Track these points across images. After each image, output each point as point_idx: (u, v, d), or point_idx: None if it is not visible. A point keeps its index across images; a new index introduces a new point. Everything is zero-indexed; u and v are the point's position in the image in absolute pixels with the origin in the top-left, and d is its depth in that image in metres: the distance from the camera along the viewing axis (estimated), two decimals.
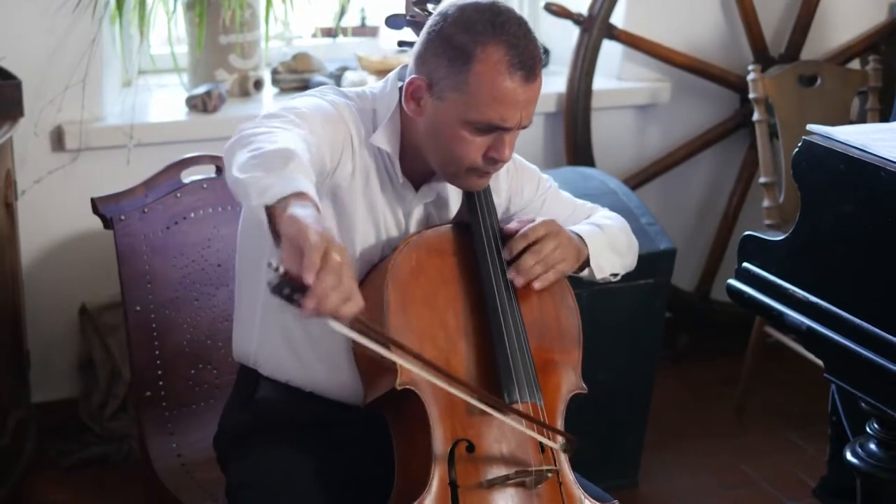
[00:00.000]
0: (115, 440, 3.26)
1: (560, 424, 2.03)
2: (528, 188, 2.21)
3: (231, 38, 3.36)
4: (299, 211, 1.62)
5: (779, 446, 3.51)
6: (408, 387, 1.90)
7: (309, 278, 1.57)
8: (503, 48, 1.89)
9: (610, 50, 3.68)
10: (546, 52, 3.85)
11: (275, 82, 3.53)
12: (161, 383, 2.40)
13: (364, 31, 3.79)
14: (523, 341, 2.00)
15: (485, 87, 1.89)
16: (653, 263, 3.08)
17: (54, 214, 3.22)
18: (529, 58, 1.91)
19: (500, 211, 2.17)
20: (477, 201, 2.07)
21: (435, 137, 1.97)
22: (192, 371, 2.43)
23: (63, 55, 3.13)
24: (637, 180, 3.74)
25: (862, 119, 3.81)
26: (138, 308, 2.37)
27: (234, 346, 2.16)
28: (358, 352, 1.98)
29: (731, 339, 3.85)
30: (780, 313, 2.22)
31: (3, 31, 3.07)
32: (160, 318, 2.39)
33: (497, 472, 1.92)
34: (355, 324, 1.67)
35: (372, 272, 2.01)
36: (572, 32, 3.64)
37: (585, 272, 2.15)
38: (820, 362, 2.23)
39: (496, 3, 1.95)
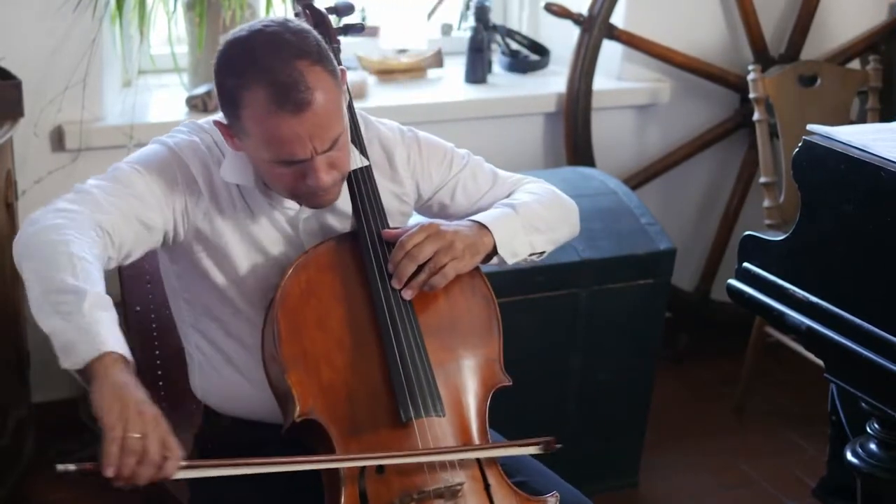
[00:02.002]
0: None
1: (477, 426, 1.97)
2: (436, 171, 2.14)
3: None
4: (100, 386, 1.64)
5: (779, 446, 3.51)
6: (307, 417, 1.87)
7: (109, 471, 1.63)
8: (263, 87, 1.80)
9: (610, 50, 3.68)
10: (546, 52, 3.86)
11: None
12: (161, 383, 2.40)
13: (364, 31, 3.77)
14: (417, 354, 1.94)
15: (260, 131, 1.83)
16: (653, 263, 3.08)
17: None
18: (294, 89, 1.79)
19: (411, 199, 2.13)
20: (361, 208, 2.01)
21: (258, 172, 1.94)
22: None
23: (63, 55, 3.12)
24: (637, 180, 3.74)
25: (862, 119, 3.81)
26: (138, 308, 2.37)
27: (190, 383, 2.18)
28: (269, 380, 1.97)
29: (731, 339, 3.85)
30: (780, 313, 2.22)
31: (3, 31, 3.07)
32: (160, 318, 2.39)
33: (408, 490, 1.87)
34: (189, 468, 1.72)
35: (269, 304, 1.96)
36: (572, 32, 3.64)
37: (495, 259, 2.06)
38: (820, 362, 2.23)
39: (258, 31, 1.86)
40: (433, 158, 2.14)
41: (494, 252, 2.04)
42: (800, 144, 2.20)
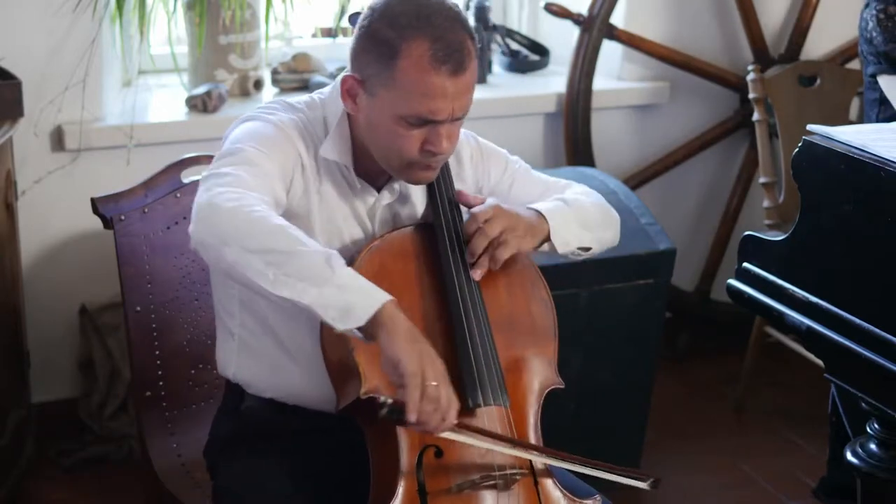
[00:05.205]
0: (115, 440, 3.26)
1: (533, 422, 2.01)
2: (494, 171, 2.19)
3: (231, 38, 3.36)
4: (394, 334, 1.76)
5: (779, 446, 3.51)
6: (372, 395, 1.87)
7: (412, 416, 1.77)
8: (427, 42, 1.87)
9: (610, 50, 3.68)
10: (546, 52, 3.86)
11: (275, 82, 3.53)
12: (161, 383, 2.40)
13: None
14: (487, 342, 1.97)
15: (411, 82, 1.88)
16: (653, 263, 3.08)
17: (54, 214, 3.22)
18: (456, 50, 1.89)
19: None
20: (438, 198, 2.05)
21: (372, 133, 1.96)
22: (192, 371, 2.43)
23: (63, 55, 3.13)
24: (637, 180, 3.74)
25: (862, 119, 3.81)
26: (138, 308, 2.37)
27: (217, 363, 2.17)
28: (328, 358, 1.97)
29: (731, 338, 3.85)
30: (780, 313, 2.22)
31: (3, 31, 3.07)
32: (160, 318, 2.39)
33: (465, 476, 1.91)
34: (457, 429, 1.86)
35: None
36: (572, 32, 3.64)
37: (546, 246, 2.11)
38: (820, 362, 2.23)
39: None
40: (492, 159, 2.20)
41: (547, 239, 2.09)
42: (800, 144, 2.20)
